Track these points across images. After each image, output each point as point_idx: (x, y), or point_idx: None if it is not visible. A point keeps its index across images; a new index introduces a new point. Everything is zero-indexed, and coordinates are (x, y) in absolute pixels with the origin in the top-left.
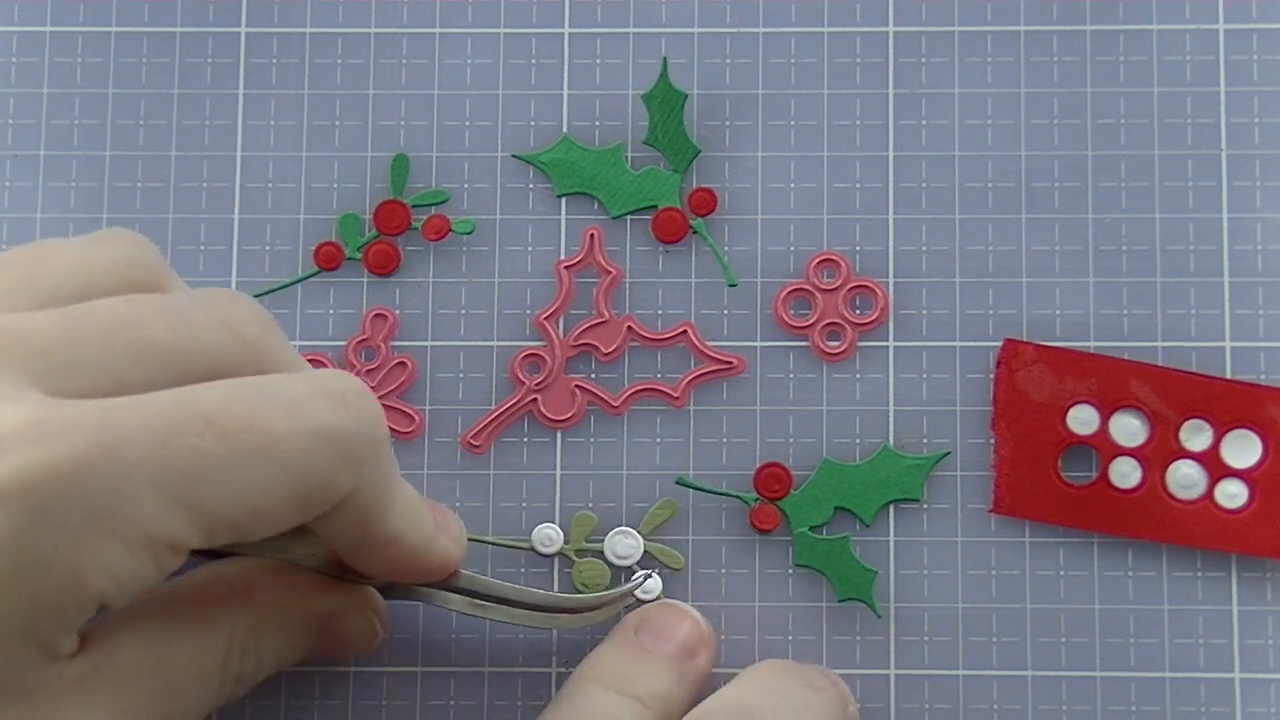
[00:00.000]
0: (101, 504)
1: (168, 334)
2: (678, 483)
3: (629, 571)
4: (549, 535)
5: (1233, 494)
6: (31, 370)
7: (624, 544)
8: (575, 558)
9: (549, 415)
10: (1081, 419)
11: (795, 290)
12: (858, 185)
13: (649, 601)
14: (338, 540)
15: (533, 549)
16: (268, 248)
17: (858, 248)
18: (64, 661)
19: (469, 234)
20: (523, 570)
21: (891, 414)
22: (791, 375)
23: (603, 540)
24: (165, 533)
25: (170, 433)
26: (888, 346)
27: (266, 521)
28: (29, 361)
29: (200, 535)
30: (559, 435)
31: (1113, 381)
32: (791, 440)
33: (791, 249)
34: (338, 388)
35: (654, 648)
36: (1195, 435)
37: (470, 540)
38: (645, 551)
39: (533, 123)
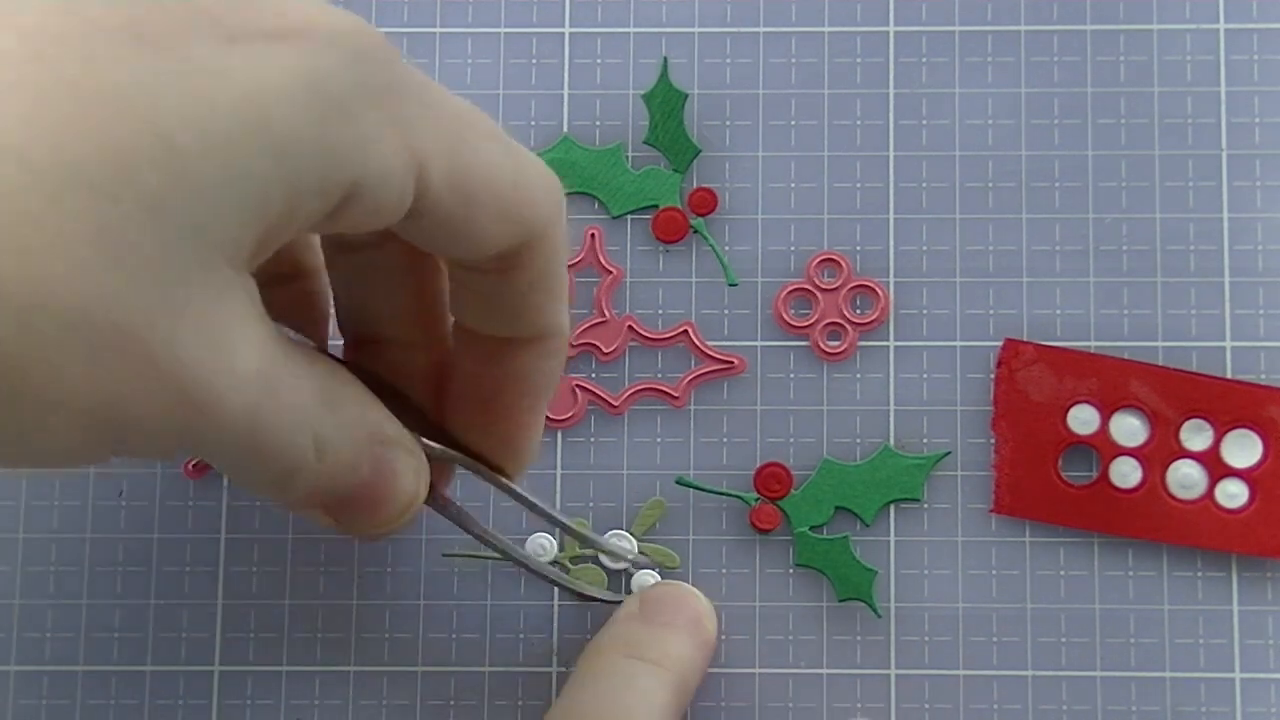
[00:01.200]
0: (394, 92)
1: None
2: (678, 483)
3: (626, 575)
4: (542, 545)
5: (1233, 494)
6: None
7: (618, 547)
8: (571, 565)
9: (549, 415)
10: (1082, 419)
11: (795, 290)
12: (858, 185)
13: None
14: (523, 306)
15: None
16: None
17: (858, 247)
18: (249, 271)
19: None
20: (522, 579)
21: (892, 414)
22: (792, 375)
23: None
24: (426, 156)
25: (448, 93)
26: (888, 346)
27: (490, 212)
28: None
29: (445, 184)
30: (559, 435)
31: (1113, 381)
32: (792, 440)
33: (792, 249)
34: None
35: (663, 620)
36: (1195, 435)
37: (463, 556)
38: (640, 552)
39: (533, 123)
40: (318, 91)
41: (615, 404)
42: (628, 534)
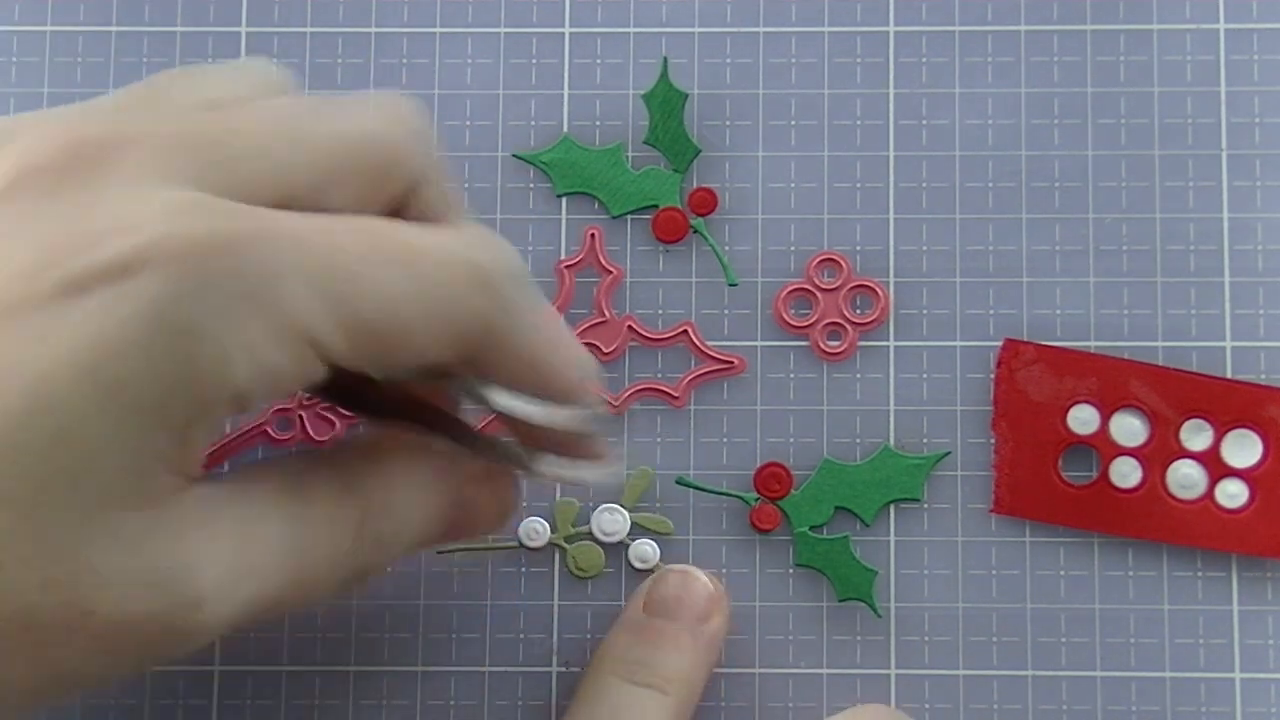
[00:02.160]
0: (252, 283)
1: (329, 122)
2: (678, 483)
3: (623, 548)
4: (535, 529)
5: (1233, 494)
6: (196, 163)
7: (610, 520)
8: (566, 545)
9: None
10: (1082, 419)
11: (795, 290)
12: (858, 185)
13: (646, 570)
14: (509, 368)
15: (521, 545)
16: None
17: (858, 247)
18: (188, 480)
19: None
20: (523, 568)
21: (891, 414)
22: (792, 375)
23: (589, 522)
24: (310, 324)
25: (321, 228)
26: (888, 346)
27: (410, 335)
28: (194, 154)
29: (343, 338)
30: None
31: (1113, 381)
32: (792, 440)
33: (792, 249)
34: (475, 228)
35: (665, 625)
36: (1195, 435)
37: (455, 550)
38: (633, 523)
39: (533, 122)
40: (164, 328)
41: (615, 404)
42: (619, 507)
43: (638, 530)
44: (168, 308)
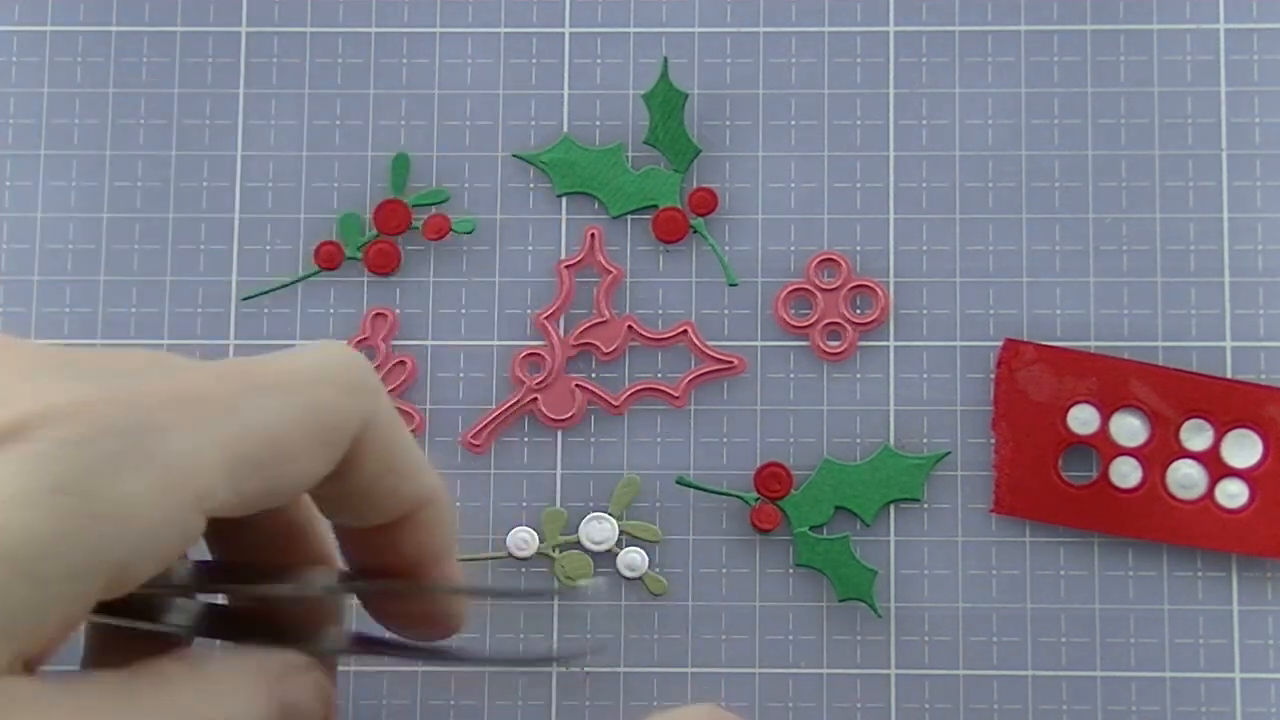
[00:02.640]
0: (131, 439)
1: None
2: (678, 482)
3: (609, 555)
4: (524, 539)
5: (1233, 494)
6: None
7: (599, 529)
8: (555, 554)
9: (549, 415)
10: (1082, 419)
11: (795, 290)
12: (858, 185)
13: (635, 578)
14: (372, 496)
15: (510, 555)
16: (268, 247)
17: (858, 247)
18: (25, 667)
19: (469, 233)
20: (523, 569)
21: (892, 414)
22: (792, 375)
23: (577, 531)
24: (190, 478)
25: (180, 382)
26: (888, 346)
27: (291, 459)
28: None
29: (226, 482)
30: (559, 435)
31: (1113, 381)
32: (792, 440)
33: (792, 249)
34: (326, 343)
35: None
36: (1195, 435)
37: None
38: (622, 531)
39: (533, 122)
40: (44, 493)
41: (615, 404)
42: (607, 515)
43: (627, 538)
44: (45, 472)
